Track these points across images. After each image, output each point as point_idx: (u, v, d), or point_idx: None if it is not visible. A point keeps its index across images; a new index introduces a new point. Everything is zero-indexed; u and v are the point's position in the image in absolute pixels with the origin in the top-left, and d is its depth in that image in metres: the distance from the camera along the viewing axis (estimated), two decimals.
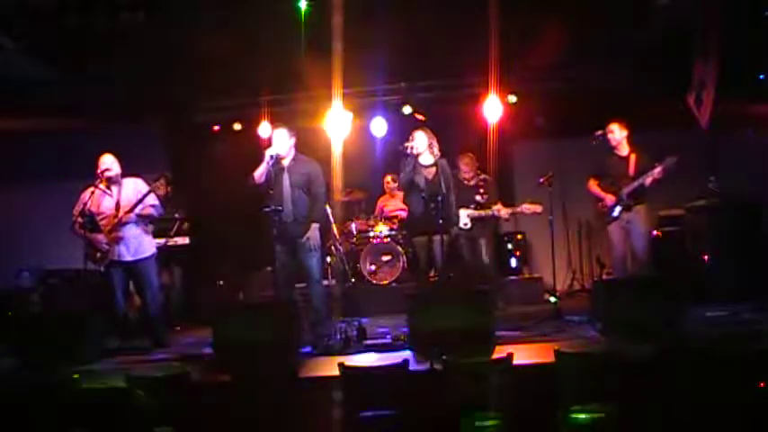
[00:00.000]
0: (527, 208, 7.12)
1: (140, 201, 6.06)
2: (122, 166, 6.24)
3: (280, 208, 5.77)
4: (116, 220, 6.04)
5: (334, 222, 8.26)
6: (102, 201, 6.13)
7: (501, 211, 7.22)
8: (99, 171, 6.07)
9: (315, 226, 5.88)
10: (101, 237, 6.07)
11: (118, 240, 6.06)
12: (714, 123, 7.12)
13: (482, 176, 7.44)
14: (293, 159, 5.94)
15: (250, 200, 6.41)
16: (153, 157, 8.67)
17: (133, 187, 6.20)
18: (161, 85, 7.96)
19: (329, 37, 7.14)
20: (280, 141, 5.87)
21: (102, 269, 6.12)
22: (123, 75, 7.61)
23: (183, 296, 8.02)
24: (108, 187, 6.12)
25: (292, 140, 5.95)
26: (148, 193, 6.14)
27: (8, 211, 8.76)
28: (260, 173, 5.82)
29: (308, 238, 5.83)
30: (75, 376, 4.54)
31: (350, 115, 8.55)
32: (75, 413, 4.07)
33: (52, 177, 8.56)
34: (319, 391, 4.31)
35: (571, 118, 8.05)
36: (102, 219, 6.12)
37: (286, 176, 5.87)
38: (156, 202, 6.30)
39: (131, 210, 6.06)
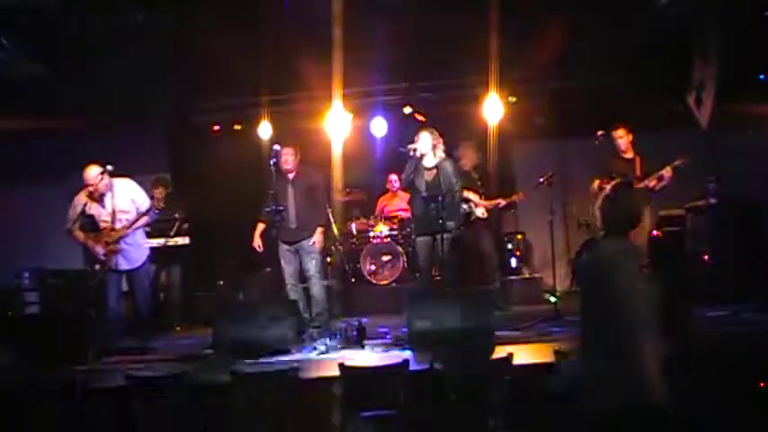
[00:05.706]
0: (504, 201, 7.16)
1: (135, 220, 6.13)
2: (122, 167, 6.20)
3: (281, 208, 6.10)
4: (114, 234, 6.06)
5: (335, 222, 8.25)
6: (97, 209, 6.14)
7: (478, 206, 7.12)
8: (86, 185, 6.05)
9: (320, 230, 6.28)
10: (99, 248, 6.07)
11: (116, 251, 6.10)
12: (714, 123, 7.11)
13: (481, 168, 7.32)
14: (298, 172, 6.34)
15: (250, 200, 6.44)
16: (153, 157, 8.68)
17: (125, 192, 6.18)
18: (161, 85, 7.95)
19: (329, 37, 7.14)
20: (288, 159, 6.25)
21: (100, 275, 6.17)
22: (123, 75, 7.59)
23: (183, 296, 8.02)
24: (100, 198, 6.10)
25: (297, 157, 6.32)
26: (147, 211, 6.20)
27: (8, 211, 8.74)
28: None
29: (312, 242, 6.22)
30: None
31: (350, 115, 8.56)
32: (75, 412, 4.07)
33: (52, 177, 8.53)
34: (319, 391, 4.31)
35: (571, 118, 8.03)
36: (101, 224, 6.14)
37: (290, 188, 6.29)
38: (149, 206, 6.26)
39: (129, 226, 6.10)
